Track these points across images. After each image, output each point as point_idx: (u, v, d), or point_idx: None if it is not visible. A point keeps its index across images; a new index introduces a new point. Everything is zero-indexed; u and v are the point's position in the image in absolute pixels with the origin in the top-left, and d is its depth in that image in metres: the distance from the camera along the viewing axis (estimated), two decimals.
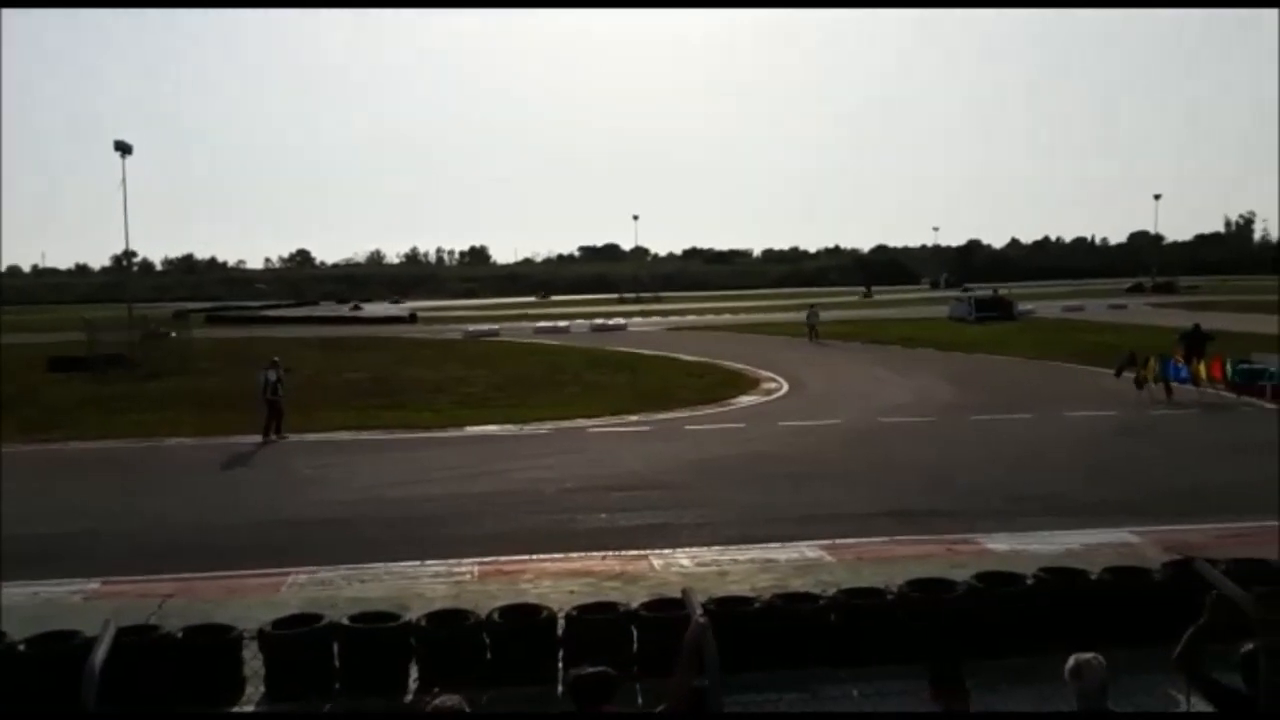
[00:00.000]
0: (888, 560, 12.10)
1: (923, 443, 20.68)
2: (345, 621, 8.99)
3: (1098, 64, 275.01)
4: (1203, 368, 26.57)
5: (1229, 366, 26.59)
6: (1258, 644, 4.50)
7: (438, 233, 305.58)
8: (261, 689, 8.67)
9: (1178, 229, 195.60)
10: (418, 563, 12.48)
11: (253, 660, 8.73)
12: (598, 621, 9.06)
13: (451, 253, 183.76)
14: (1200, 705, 5.44)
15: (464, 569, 12.27)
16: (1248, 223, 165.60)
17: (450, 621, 9.14)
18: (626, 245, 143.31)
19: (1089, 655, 5.06)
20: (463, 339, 52.84)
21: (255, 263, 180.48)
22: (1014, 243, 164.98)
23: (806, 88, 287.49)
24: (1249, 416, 23.78)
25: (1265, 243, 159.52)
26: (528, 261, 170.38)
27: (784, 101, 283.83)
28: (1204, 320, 31.91)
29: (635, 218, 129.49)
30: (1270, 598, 4.56)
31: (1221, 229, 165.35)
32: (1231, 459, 18.67)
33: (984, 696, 7.32)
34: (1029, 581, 9.77)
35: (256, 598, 11.02)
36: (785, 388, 29.56)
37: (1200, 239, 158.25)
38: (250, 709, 8.54)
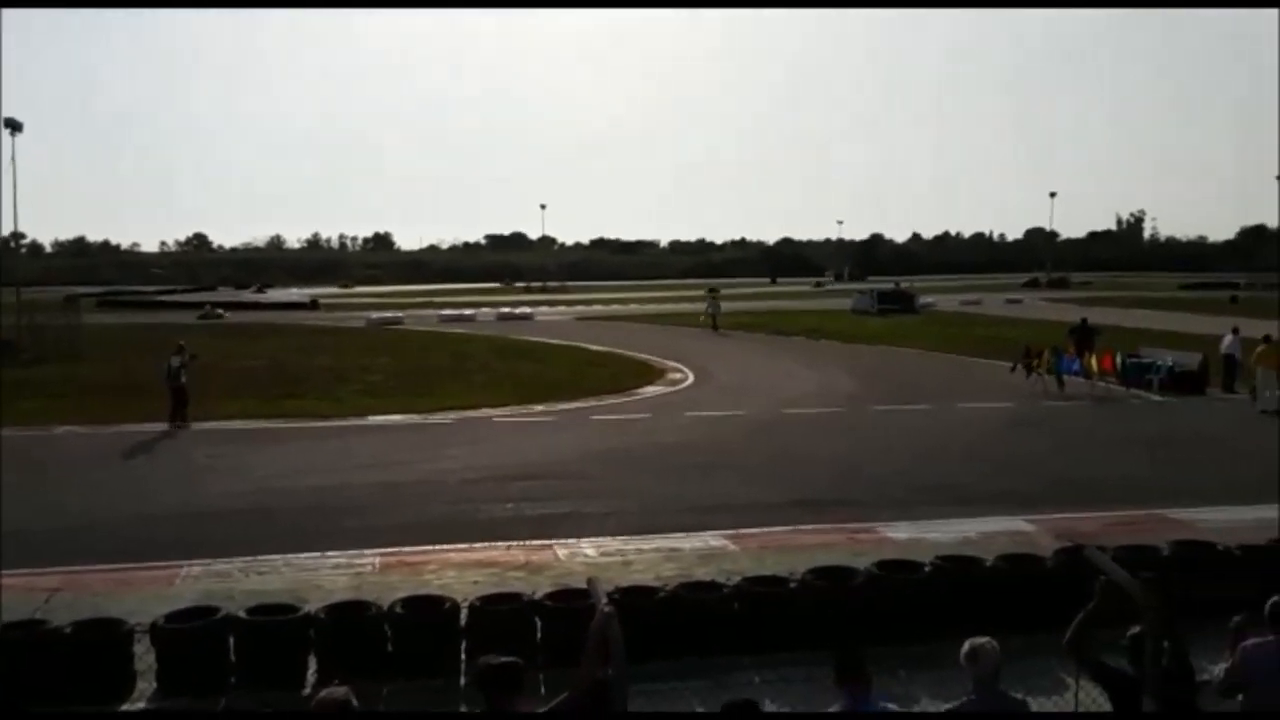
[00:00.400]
0: (791, 549, 12.24)
1: (826, 433, 20.98)
2: (242, 614, 8.80)
3: (998, 64, 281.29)
4: (1093, 361, 27.38)
5: (1119, 360, 27.46)
6: (1143, 628, 4.65)
7: (340, 218, 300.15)
8: (154, 685, 8.44)
9: (1072, 227, 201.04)
10: (318, 554, 12.27)
11: (146, 655, 8.49)
12: (501, 612, 9.02)
13: (355, 239, 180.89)
14: (1089, 687, 5.63)
15: (365, 560, 12.10)
16: (1138, 221, 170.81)
17: (351, 613, 9.00)
18: (533, 234, 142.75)
19: (984, 640, 5.19)
20: (366, 327, 52.03)
21: (150, 246, 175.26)
22: (916, 238, 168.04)
23: (713, 81, 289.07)
24: (1137, 408, 24.60)
25: (1154, 241, 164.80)
26: (433, 249, 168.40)
27: (691, 94, 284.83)
28: (1095, 315, 32.88)
29: (543, 207, 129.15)
30: (1155, 583, 4.71)
31: (1113, 227, 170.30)
32: (1121, 450, 19.30)
33: (885, 681, 7.48)
34: (927, 569, 9.98)
35: (149, 591, 10.73)
36: (691, 378, 29.71)
37: (1093, 236, 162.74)
38: (142, 705, 8.30)
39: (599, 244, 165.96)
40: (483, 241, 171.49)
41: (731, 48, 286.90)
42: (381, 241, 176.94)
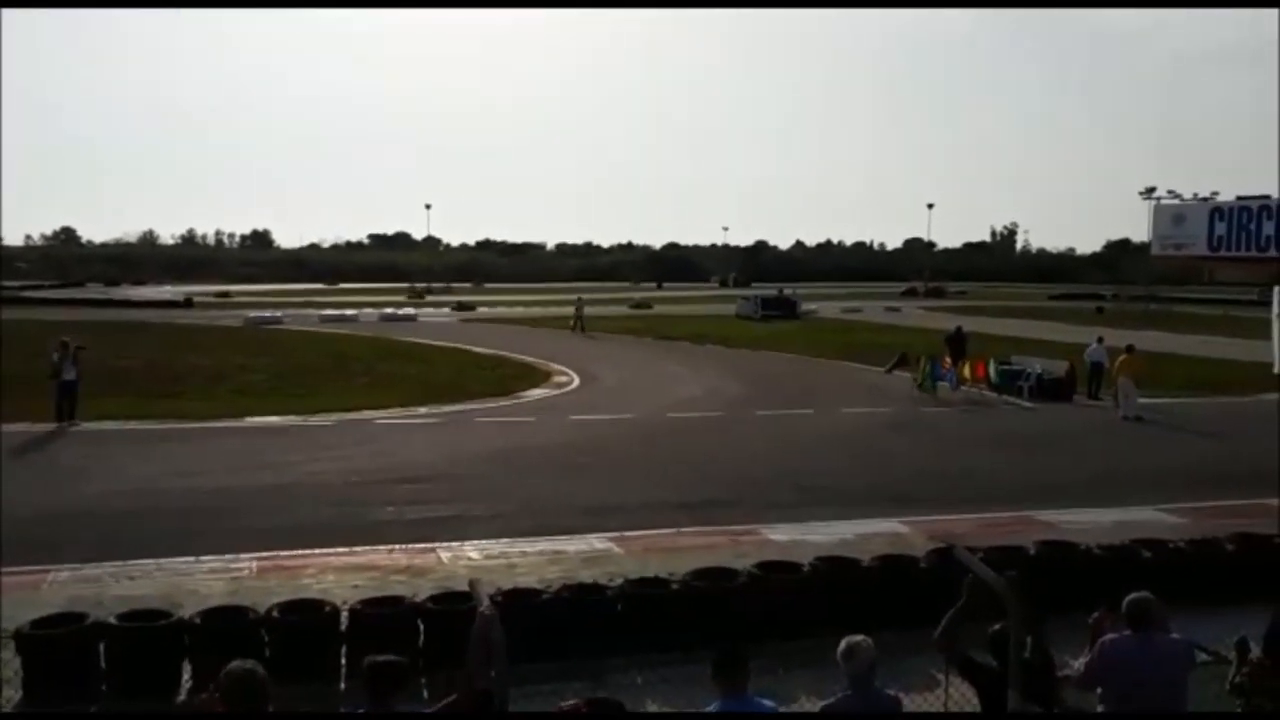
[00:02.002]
0: (674, 551, 12.38)
1: (711, 437, 21.23)
2: (112, 620, 8.56)
3: (879, 73, 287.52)
4: (967, 368, 28.23)
5: (992, 367, 28.38)
6: (1007, 624, 4.86)
7: (217, 214, 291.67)
8: (20, 693, 8.15)
9: (949, 237, 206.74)
10: (192, 559, 11.96)
11: (12, 661, 8.19)
12: (383, 615, 8.96)
13: (232, 236, 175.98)
14: (958, 682, 5.85)
15: (242, 565, 11.85)
16: (1011, 233, 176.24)
17: (227, 619, 8.83)
18: (418, 234, 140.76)
19: (859, 638, 5.35)
20: (243, 326, 50.78)
21: (14, 239, 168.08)
22: (799, 245, 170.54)
23: (600, 85, 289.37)
24: (1008, 414, 25.46)
25: (1026, 252, 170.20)
26: (314, 247, 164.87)
27: (579, 97, 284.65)
28: (970, 324, 33.96)
29: (428, 206, 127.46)
30: (1020, 581, 4.93)
31: (988, 238, 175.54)
32: (992, 454, 19.97)
33: (764, 680, 7.63)
34: (806, 570, 10.22)
35: (13, 596, 10.31)
36: (576, 381, 29.76)
37: (969, 247, 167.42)
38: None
39: (486, 245, 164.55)
40: (365, 241, 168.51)
41: (618, 49, 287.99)
42: (260, 239, 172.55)
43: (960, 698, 5.99)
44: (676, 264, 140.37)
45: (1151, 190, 30.88)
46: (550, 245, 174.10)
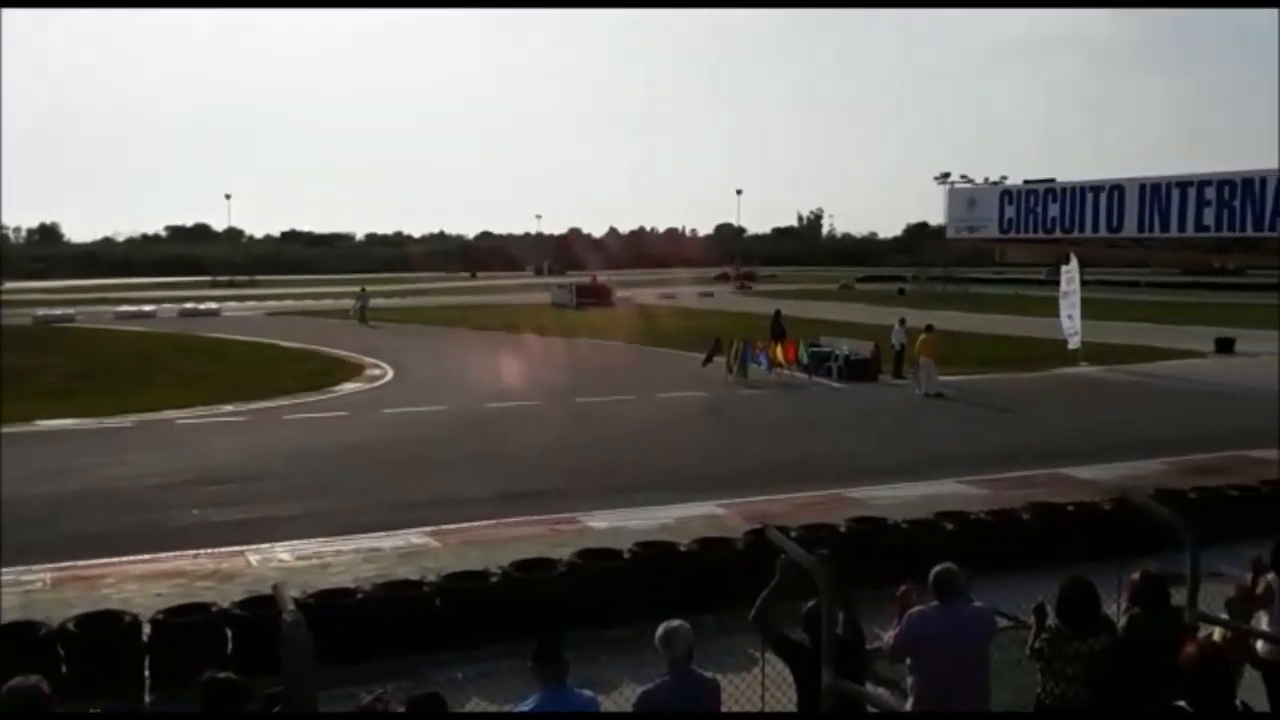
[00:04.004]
0: (494, 543, 12.27)
1: (529, 426, 21.10)
2: None
3: (685, 68, 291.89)
4: (779, 350, 28.93)
5: (802, 349, 29.15)
6: (820, 601, 4.94)
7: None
8: None
9: (758, 223, 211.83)
10: None
11: None
12: (188, 624, 8.54)
13: (18, 230, 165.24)
14: (774, 660, 5.93)
15: (34, 577, 11.15)
16: (817, 219, 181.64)
17: (17, 635, 8.25)
18: (219, 225, 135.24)
19: (677, 623, 5.37)
20: (32, 325, 47.72)
21: None
22: (612, 232, 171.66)
23: (410, 73, 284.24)
24: (819, 395, 26.21)
25: (832, 237, 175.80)
26: (108, 241, 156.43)
27: (386, 86, 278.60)
28: (782, 307, 34.78)
29: (227, 197, 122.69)
30: (830, 559, 5.01)
31: (795, 224, 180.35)
32: (805, 434, 20.53)
33: (584, 669, 7.59)
34: (626, 556, 10.25)
35: None
36: (390, 374, 29.16)
37: (777, 232, 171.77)
38: None
39: (291, 236, 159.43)
40: (163, 233, 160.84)
41: (427, 39, 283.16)
42: (48, 233, 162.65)
43: (776, 675, 6.08)
44: (490, 253, 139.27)
45: (946, 175, 32.30)
46: (360, 235, 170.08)
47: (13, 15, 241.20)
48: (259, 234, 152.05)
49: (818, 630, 4.97)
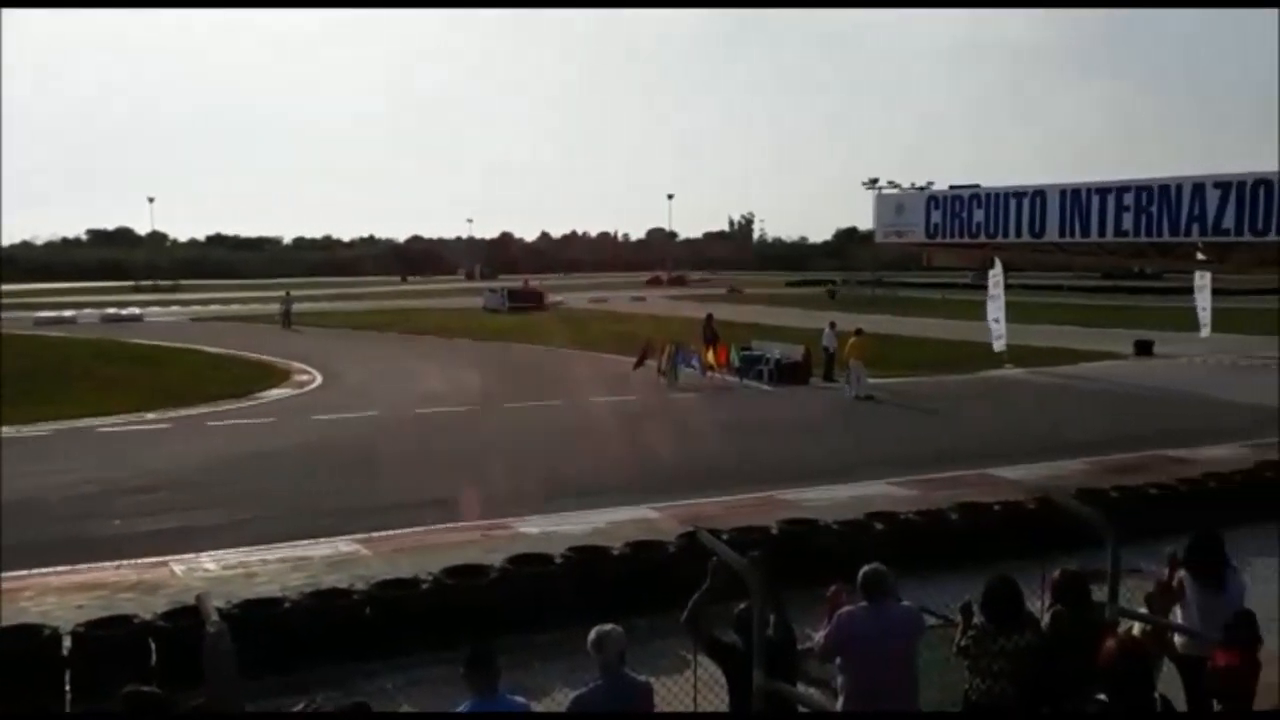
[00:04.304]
0: (426, 549, 12.15)
1: (461, 431, 20.98)
2: None
3: (615, 72, 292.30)
4: (710, 354, 29.06)
5: (734, 352, 29.31)
6: (751, 602, 4.97)
7: None
8: None
9: (689, 227, 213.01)
10: None
11: None
12: (110, 637, 8.36)
13: None
14: (706, 663, 5.95)
15: None
16: (748, 223, 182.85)
17: None
18: (141, 229, 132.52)
19: (609, 627, 5.37)
20: None
21: None
22: (544, 236, 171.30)
23: (341, 74, 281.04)
24: (750, 398, 26.37)
25: (763, 241, 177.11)
26: (26, 245, 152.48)
27: (313, 86, 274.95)
28: (710, 310, 34.94)
29: (150, 200, 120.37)
30: (761, 561, 5.05)
31: (727, 228, 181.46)
32: (737, 437, 20.62)
33: (517, 674, 7.56)
34: (558, 561, 10.22)
35: None
36: (319, 380, 28.80)
37: (709, 236, 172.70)
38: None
39: (216, 240, 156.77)
40: (84, 237, 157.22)
41: (357, 37, 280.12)
42: None
43: (709, 677, 6.10)
44: (421, 256, 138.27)
45: (874, 181, 32.67)
46: (287, 239, 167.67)
47: None
48: (183, 237, 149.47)
49: (749, 632, 5.00)
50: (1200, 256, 25.37)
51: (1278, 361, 29.13)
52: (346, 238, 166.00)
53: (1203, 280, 40.44)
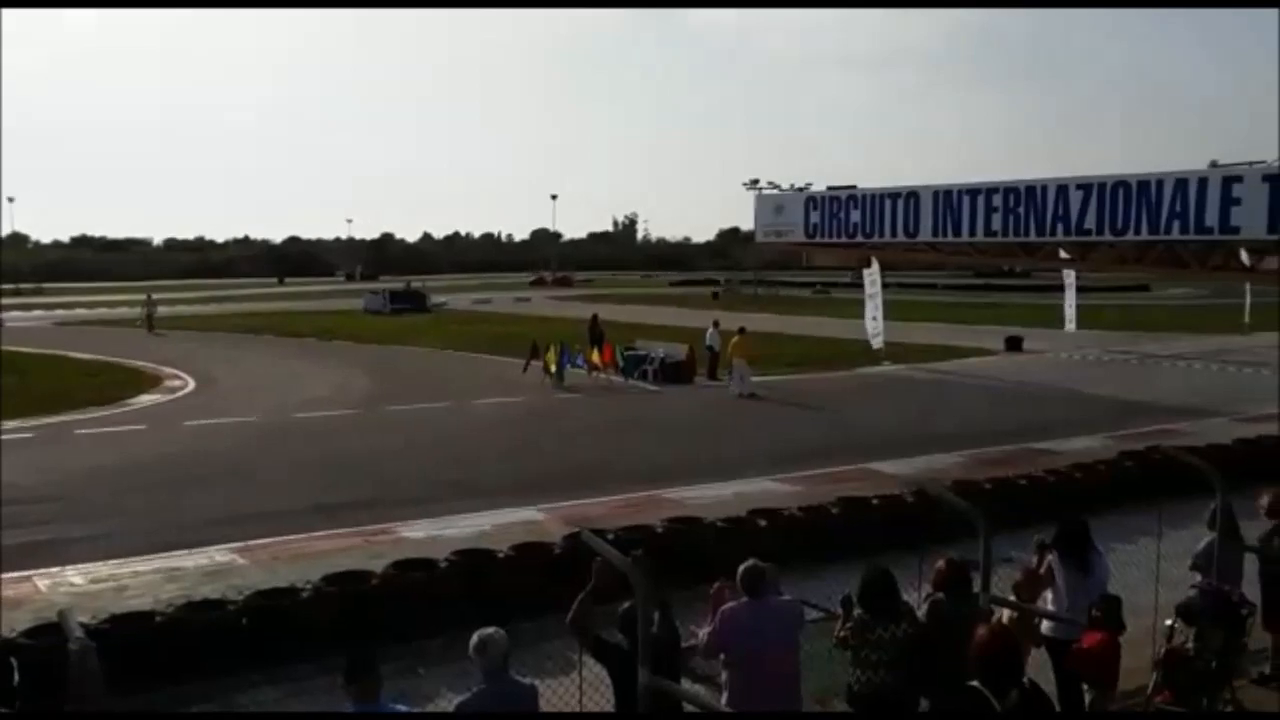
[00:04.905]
0: (306, 557, 11.93)
1: (342, 436, 20.60)
2: None
3: (497, 72, 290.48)
4: (595, 354, 29.09)
5: (619, 353, 29.39)
6: (635, 602, 4.98)
7: None
8: None
9: (573, 228, 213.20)
10: None
11: None
12: None
13: None
14: (592, 663, 5.94)
15: None
16: (632, 224, 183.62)
17: None
18: (1, 231, 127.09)
19: (491, 630, 5.33)
20: None
21: None
22: (427, 237, 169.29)
23: (214, 71, 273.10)
24: (635, 397, 26.45)
25: (647, 242, 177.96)
26: None
27: (184, 80, 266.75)
28: (599, 311, 34.99)
29: (10, 200, 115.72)
30: (644, 560, 5.07)
31: (611, 228, 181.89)
32: (620, 437, 20.68)
33: (399, 682, 7.47)
34: (443, 566, 10.11)
35: None
36: (192, 385, 27.96)
37: (593, 236, 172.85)
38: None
39: (82, 242, 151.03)
40: None
41: (227, 33, 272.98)
42: None
43: (595, 678, 6.09)
44: (299, 258, 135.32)
45: (755, 181, 33.01)
46: (158, 240, 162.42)
47: None
48: (46, 239, 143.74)
49: (634, 631, 5.01)
50: (1064, 255, 26.30)
51: (1138, 356, 30.39)
52: (220, 239, 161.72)
53: (1070, 278, 42.15)
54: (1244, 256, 18.44)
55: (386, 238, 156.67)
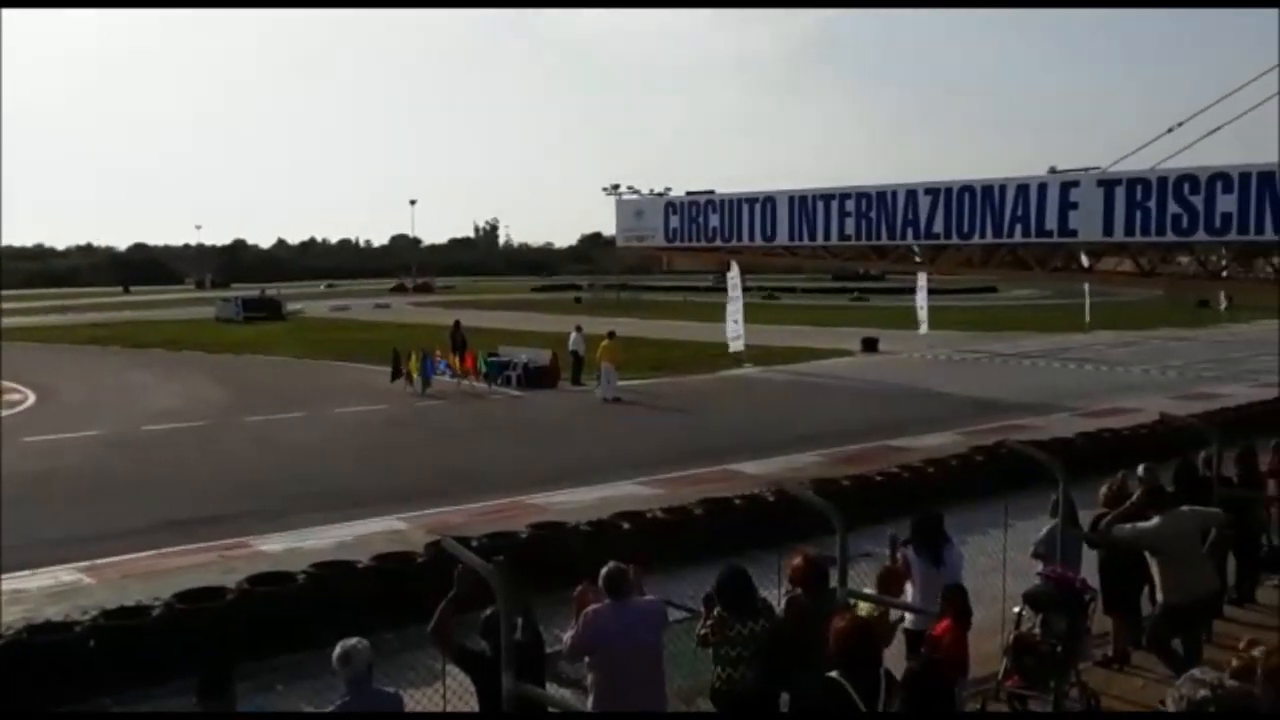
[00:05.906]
0: (157, 574, 11.54)
1: (194, 449, 19.94)
2: None
3: (354, 74, 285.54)
4: (457, 361, 28.83)
5: (481, 359, 29.17)
6: (499, 608, 4.96)
7: None
8: None
9: (434, 233, 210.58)
10: None
11: None
12: None
13: None
14: (455, 672, 5.90)
15: None
16: (493, 229, 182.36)
17: None
18: None
19: (353, 641, 5.25)
20: None
21: None
22: (281, 243, 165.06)
23: (55, 69, 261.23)
24: (498, 403, 26.32)
25: (509, 247, 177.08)
26: None
27: (27, 80, 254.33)
28: (461, 318, 34.63)
29: None
30: (505, 566, 5.06)
31: (472, 234, 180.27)
32: (485, 443, 20.54)
33: (256, 698, 7.28)
34: (300, 579, 9.89)
35: None
36: (32, 398, 26.72)
37: (454, 242, 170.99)
38: None
39: None
40: None
41: (70, 28, 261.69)
42: None
43: (459, 687, 6.05)
44: (145, 266, 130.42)
45: (615, 186, 33.13)
46: None
47: None
48: None
49: (497, 637, 5.00)
50: (915, 258, 27.13)
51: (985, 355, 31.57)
52: (61, 246, 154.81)
53: (921, 281, 43.49)
54: (1083, 259, 19.29)
55: (239, 244, 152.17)
